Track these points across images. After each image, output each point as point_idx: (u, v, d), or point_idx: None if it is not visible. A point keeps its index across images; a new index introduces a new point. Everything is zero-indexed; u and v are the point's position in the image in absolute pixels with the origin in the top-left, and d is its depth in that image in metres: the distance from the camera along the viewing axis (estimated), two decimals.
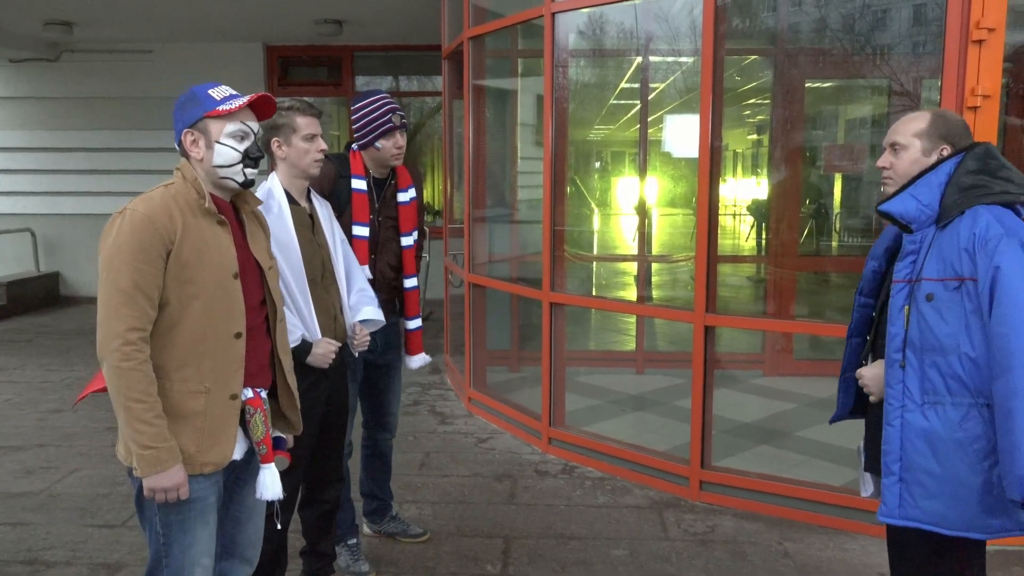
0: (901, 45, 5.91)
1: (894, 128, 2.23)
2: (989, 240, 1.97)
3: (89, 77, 9.63)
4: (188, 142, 2.12)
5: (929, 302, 2.05)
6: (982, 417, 2.01)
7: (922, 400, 2.08)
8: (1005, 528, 2.04)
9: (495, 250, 6.16)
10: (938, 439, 2.06)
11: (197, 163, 2.13)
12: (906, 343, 2.09)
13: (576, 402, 5.38)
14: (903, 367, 2.10)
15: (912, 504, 2.11)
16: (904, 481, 2.11)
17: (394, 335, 3.40)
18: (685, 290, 6.65)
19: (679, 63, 6.49)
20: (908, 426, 2.09)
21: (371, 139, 3.12)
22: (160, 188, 2.10)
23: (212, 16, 8.09)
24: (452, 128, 6.54)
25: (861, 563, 3.40)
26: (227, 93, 2.14)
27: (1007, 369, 1.90)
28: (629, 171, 8.62)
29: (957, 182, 2.08)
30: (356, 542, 3.35)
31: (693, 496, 4.03)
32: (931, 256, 2.07)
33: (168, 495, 2.01)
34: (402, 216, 3.27)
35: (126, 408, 1.96)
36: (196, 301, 2.05)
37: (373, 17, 8.24)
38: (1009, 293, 1.92)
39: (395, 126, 3.11)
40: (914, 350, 2.08)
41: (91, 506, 3.95)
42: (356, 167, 3.14)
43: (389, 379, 3.43)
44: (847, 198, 6.87)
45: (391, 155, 3.15)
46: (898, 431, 2.11)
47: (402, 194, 3.27)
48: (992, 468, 2.00)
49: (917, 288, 2.07)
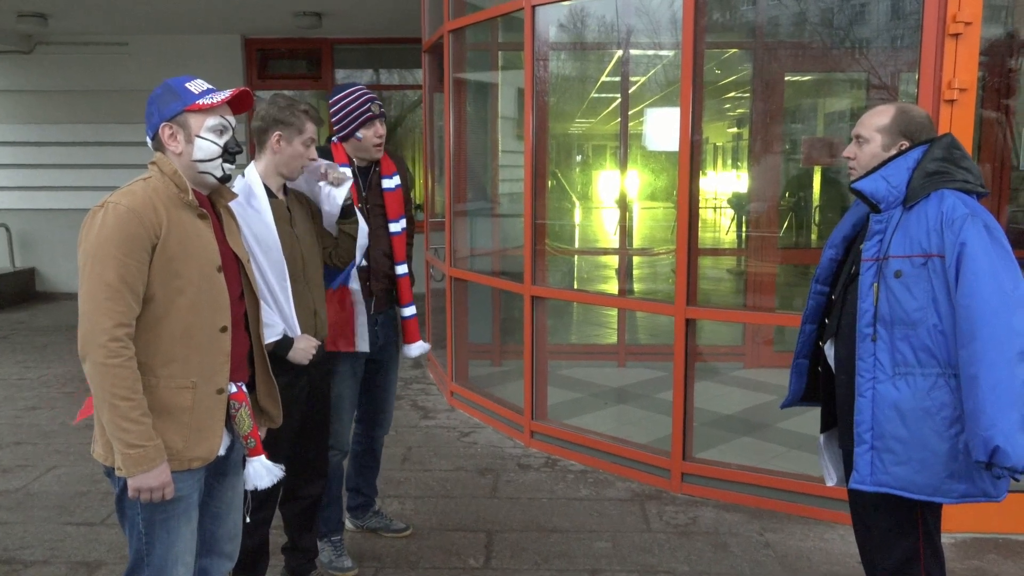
0: (879, 39, 5.94)
1: (861, 120, 2.36)
2: (955, 219, 2.12)
3: (64, 70, 9.50)
4: (166, 136, 2.10)
5: (897, 278, 2.17)
6: (949, 387, 2.15)
7: (893, 372, 2.20)
8: (969, 493, 2.17)
9: (476, 244, 6.15)
10: (908, 407, 2.18)
11: (175, 157, 2.11)
12: (876, 318, 2.20)
13: (558, 396, 5.39)
14: (874, 340, 2.21)
15: (883, 470, 2.22)
16: (875, 449, 2.22)
17: (391, 330, 3.39)
18: (666, 283, 6.67)
19: (659, 56, 6.50)
20: (879, 396, 2.21)
21: (351, 129, 3.12)
22: (139, 182, 2.07)
23: (189, 7, 8.00)
24: (433, 122, 6.51)
25: (841, 552, 3.43)
26: (204, 87, 2.13)
27: (972, 338, 2.04)
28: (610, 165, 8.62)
29: (924, 167, 2.22)
30: (340, 538, 3.33)
31: (675, 488, 4.05)
32: (897, 235, 2.20)
33: (153, 495, 1.99)
34: (388, 203, 3.26)
35: (111, 406, 1.93)
36: (182, 295, 2.03)
37: (352, 9, 8.19)
38: (973, 268, 2.06)
39: (375, 115, 3.12)
40: (884, 324, 2.20)
41: (69, 504, 3.91)
42: (339, 157, 3.15)
43: (385, 375, 3.43)
44: (826, 191, 6.91)
45: (372, 144, 3.15)
46: (869, 401, 2.22)
47: (386, 180, 3.26)
48: (958, 435, 2.14)
49: (885, 265, 2.20)
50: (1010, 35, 5.04)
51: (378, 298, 3.26)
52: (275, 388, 2.34)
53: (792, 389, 2.63)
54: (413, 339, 3.42)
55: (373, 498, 3.64)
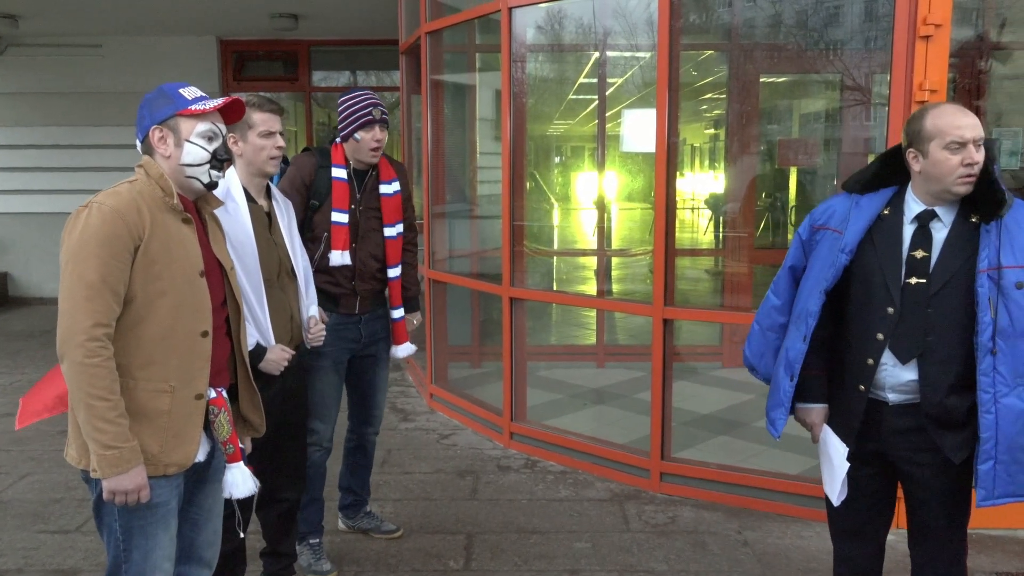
0: (853, 41, 6.00)
1: (975, 123, 2.19)
2: None
3: (37, 72, 9.37)
4: (156, 139, 2.10)
5: (1020, 290, 2.13)
6: None
7: (1014, 383, 2.15)
8: None
9: (455, 246, 6.15)
10: None
11: (163, 160, 2.11)
12: (996, 331, 2.14)
13: (538, 397, 5.40)
14: (995, 354, 2.14)
15: (1009, 482, 2.18)
16: (1001, 463, 2.17)
17: (380, 328, 3.40)
18: (644, 284, 6.70)
19: (636, 58, 6.52)
20: (1005, 410, 2.15)
21: (351, 130, 3.16)
22: (125, 184, 2.07)
23: (163, 9, 7.93)
24: (411, 123, 6.50)
25: (817, 549, 3.47)
26: (198, 94, 2.15)
27: None
28: (588, 166, 8.64)
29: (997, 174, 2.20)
30: (319, 541, 3.32)
31: (654, 488, 4.07)
32: (1004, 244, 2.15)
33: (128, 497, 1.97)
34: (385, 208, 3.28)
35: (88, 406, 1.92)
36: (164, 297, 2.02)
37: (329, 11, 8.15)
38: None
39: (375, 119, 3.15)
40: (1004, 337, 2.14)
41: (44, 511, 3.87)
42: (336, 158, 3.19)
43: (375, 372, 3.44)
44: (802, 192, 6.97)
45: (369, 148, 3.18)
46: (995, 417, 2.16)
47: (384, 186, 3.29)
48: None
49: (1001, 276, 2.14)
50: (980, 37, 5.11)
51: (363, 298, 3.27)
52: (258, 397, 2.34)
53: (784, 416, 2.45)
54: (402, 340, 3.46)
55: (365, 498, 3.63)
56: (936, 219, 2.25)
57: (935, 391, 2.23)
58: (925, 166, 2.22)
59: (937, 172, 2.19)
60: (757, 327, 2.55)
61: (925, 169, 2.22)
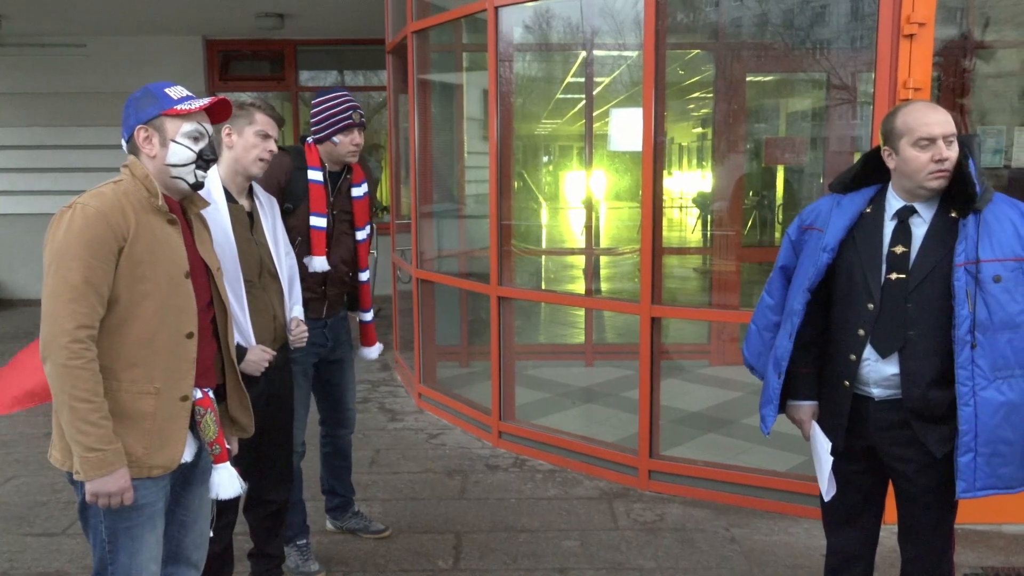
0: (839, 40, 6.03)
1: (945, 120, 2.21)
2: None
3: (21, 72, 9.29)
4: (141, 138, 2.09)
5: (997, 283, 2.14)
6: None
7: (993, 376, 2.16)
8: None
9: (443, 245, 6.15)
10: (1013, 409, 2.17)
11: (148, 160, 2.09)
12: (975, 324, 2.15)
13: (526, 396, 5.40)
14: (974, 347, 2.16)
15: (989, 474, 2.20)
16: (981, 455, 2.19)
17: (343, 330, 3.40)
18: (632, 282, 6.71)
19: (624, 57, 6.54)
20: (984, 402, 2.17)
21: (329, 133, 3.13)
22: (110, 184, 2.06)
23: (148, 8, 7.88)
24: (398, 123, 6.49)
25: (805, 545, 3.48)
26: (184, 93, 2.13)
27: None
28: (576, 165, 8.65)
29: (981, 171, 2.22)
30: (306, 542, 3.31)
31: (642, 486, 4.08)
32: (983, 238, 2.16)
33: (112, 500, 1.96)
34: (356, 211, 3.28)
35: (71, 408, 1.90)
36: (148, 299, 2.01)
37: (315, 11, 8.13)
38: None
39: (354, 123, 3.13)
40: (983, 330, 2.15)
41: (29, 514, 3.84)
42: (312, 159, 3.14)
43: (343, 374, 3.43)
44: (789, 190, 7.01)
45: (347, 151, 3.16)
46: (973, 409, 2.17)
47: (356, 189, 3.28)
48: None
49: (978, 270, 2.15)
50: (964, 36, 5.14)
51: (331, 302, 3.26)
52: (246, 398, 2.33)
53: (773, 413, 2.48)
54: (372, 342, 3.52)
55: (350, 498, 3.63)
56: (916, 215, 2.27)
57: (916, 385, 2.24)
58: (898, 163, 2.25)
59: (909, 169, 2.22)
60: (754, 327, 2.58)
61: (899, 166, 2.25)
